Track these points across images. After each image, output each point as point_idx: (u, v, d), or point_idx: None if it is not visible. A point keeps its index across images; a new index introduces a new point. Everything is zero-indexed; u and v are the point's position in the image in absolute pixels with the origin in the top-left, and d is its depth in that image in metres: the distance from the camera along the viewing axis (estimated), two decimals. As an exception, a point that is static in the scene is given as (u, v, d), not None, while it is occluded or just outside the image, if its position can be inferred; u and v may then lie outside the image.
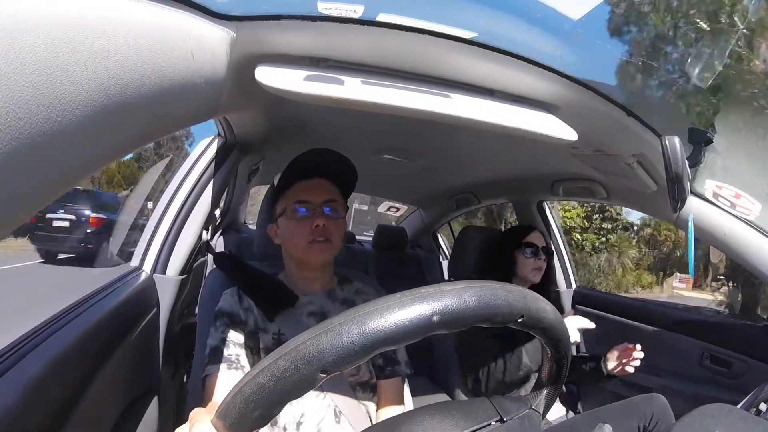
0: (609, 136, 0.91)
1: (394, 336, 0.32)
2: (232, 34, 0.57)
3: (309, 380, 0.31)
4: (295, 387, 0.31)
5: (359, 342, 0.31)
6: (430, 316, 0.33)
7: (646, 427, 0.97)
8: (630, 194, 1.24)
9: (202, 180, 1.18)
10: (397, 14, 0.59)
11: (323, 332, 0.32)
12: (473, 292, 0.35)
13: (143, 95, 0.40)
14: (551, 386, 0.50)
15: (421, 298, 0.33)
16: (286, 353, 0.32)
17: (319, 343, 0.31)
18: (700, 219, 1.01)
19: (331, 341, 0.31)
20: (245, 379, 0.33)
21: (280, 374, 0.31)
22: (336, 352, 0.31)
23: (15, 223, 0.30)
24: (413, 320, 0.32)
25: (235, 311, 0.80)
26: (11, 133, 0.26)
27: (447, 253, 3.02)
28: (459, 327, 0.35)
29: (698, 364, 1.34)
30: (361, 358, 0.32)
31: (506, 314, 0.37)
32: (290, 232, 0.83)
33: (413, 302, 0.33)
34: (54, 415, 0.58)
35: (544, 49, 0.66)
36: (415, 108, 0.62)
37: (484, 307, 0.35)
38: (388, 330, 0.32)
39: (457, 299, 0.34)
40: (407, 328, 0.32)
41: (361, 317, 0.32)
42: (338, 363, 0.31)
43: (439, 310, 0.33)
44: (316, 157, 0.86)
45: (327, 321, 0.33)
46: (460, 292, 0.35)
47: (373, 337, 0.31)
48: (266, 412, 0.32)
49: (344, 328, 0.32)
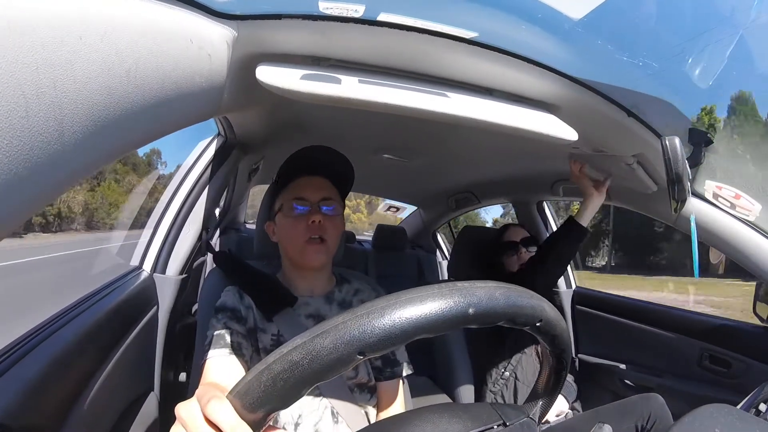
0: (609, 136, 0.91)
1: (433, 323, 0.32)
2: (233, 33, 0.57)
3: (346, 361, 0.31)
4: (329, 367, 0.31)
5: (400, 326, 0.31)
6: (467, 308, 0.33)
7: (644, 426, 0.97)
8: (630, 194, 1.24)
9: (202, 180, 1.18)
10: (398, 14, 0.59)
11: (365, 314, 0.32)
12: (503, 292, 0.36)
13: (144, 95, 0.40)
14: (547, 396, 0.51)
15: (459, 290, 0.34)
16: (324, 332, 0.31)
17: (361, 324, 0.31)
18: (700, 219, 1.02)
19: (373, 323, 0.31)
20: (272, 357, 0.32)
21: (317, 352, 0.31)
22: (377, 334, 0.31)
23: (17, 222, 0.30)
24: (452, 310, 0.33)
25: (237, 307, 0.80)
26: (14, 132, 0.26)
27: (447, 253, 3.02)
28: (488, 323, 0.36)
29: (698, 364, 1.34)
30: (399, 342, 0.32)
31: (528, 316, 0.38)
32: (287, 229, 0.83)
33: (452, 294, 0.33)
34: (54, 414, 0.58)
35: (544, 49, 0.66)
36: (416, 108, 0.62)
37: (512, 306, 0.36)
38: (429, 317, 0.32)
39: (489, 296, 0.35)
40: (447, 317, 0.33)
41: (402, 302, 0.32)
42: (377, 345, 0.31)
43: (474, 303, 0.34)
44: (314, 155, 0.86)
45: (368, 303, 0.33)
46: (492, 289, 0.36)
47: (414, 322, 0.32)
48: (294, 392, 0.32)
49: (386, 312, 0.32)
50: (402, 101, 0.62)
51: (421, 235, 2.85)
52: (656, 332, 1.46)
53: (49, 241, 15.78)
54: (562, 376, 0.49)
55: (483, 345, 1.39)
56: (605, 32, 0.64)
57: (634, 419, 0.98)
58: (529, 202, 1.82)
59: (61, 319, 0.71)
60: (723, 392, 1.24)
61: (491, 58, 0.66)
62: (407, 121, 0.91)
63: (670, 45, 0.67)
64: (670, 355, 1.42)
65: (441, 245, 3.01)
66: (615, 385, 1.51)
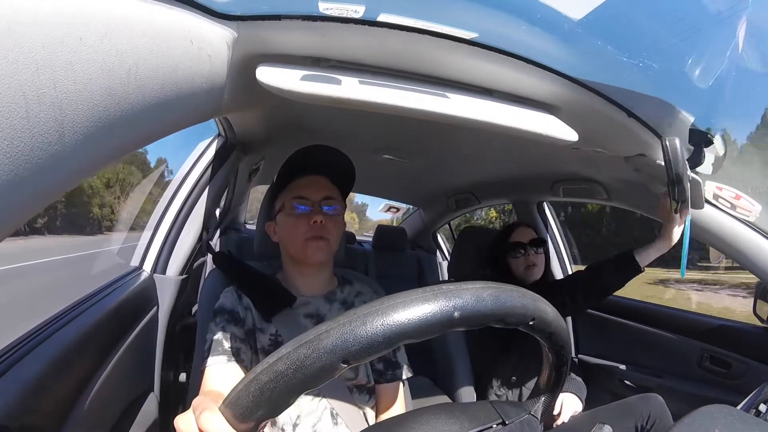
0: (609, 137, 0.91)
1: (417, 329, 0.32)
2: (233, 34, 0.57)
3: (330, 370, 0.31)
4: (315, 376, 0.31)
5: (383, 333, 0.31)
6: (452, 311, 0.33)
7: (643, 426, 0.97)
8: (630, 195, 1.24)
9: (202, 180, 1.18)
10: (398, 14, 0.59)
11: (347, 322, 0.32)
12: (491, 292, 0.36)
13: (145, 95, 0.40)
14: (549, 393, 0.51)
15: (443, 294, 0.33)
16: (307, 341, 0.31)
17: (343, 333, 0.31)
18: (700, 220, 1.02)
19: (356, 331, 0.31)
20: (260, 368, 0.32)
21: (300, 362, 0.31)
22: (360, 343, 0.31)
23: (17, 222, 0.30)
24: (436, 315, 0.32)
25: (235, 309, 0.80)
26: (14, 132, 0.26)
27: (447, 253, 3.02)
28: (476, 325, 0.35)
29: (698, 365, 1.34)
30: (384, 349, 0.32)
31: (520, 315, 0.38)
32: (288, 228, 0.83)
33: (436, 297, 0.33)
34: (54, 414, 0.58)
35: (544, 49, 0.66)
36: (416, 108, 0.62)
37: (501, 306, 0.36)
38: (413, 323, 0.32)
39: (476, 297, 0.34)
40: (431, 321, 0.32)
41: (385, 309, 0.32)
42: (361, 353, 0.31)
43: (460, 306, 0.33)
44: (314, 154, 0.85)
45: (350, 311, 0.33)
46: (479, 291, 0.35)
47: (398, 329, 0.31)
48: (282, 402, 0.32)
49: (368, 319, 0.31)
50: (402, 102, 0.62)
51: (421, 235, 2.85)
52: (656, 333, 1.46)
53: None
54: (562, 372, 0.48)
55: (487, 351, 1.35)
56: (605, 32, 0.63)
57: (633, 419, 0.98)
58: (529, 202, 1.82)
59: (61, 319, 0.71)
60: (723, 393, 1.24)
61: (491, 58, 0.66)
62: (407, 121, 0.91)
63: (670, 45, 0.67)
64: (670, 356, 1.41)
65: (441, 246, 3.01)
66: (615, 386, 1.51)
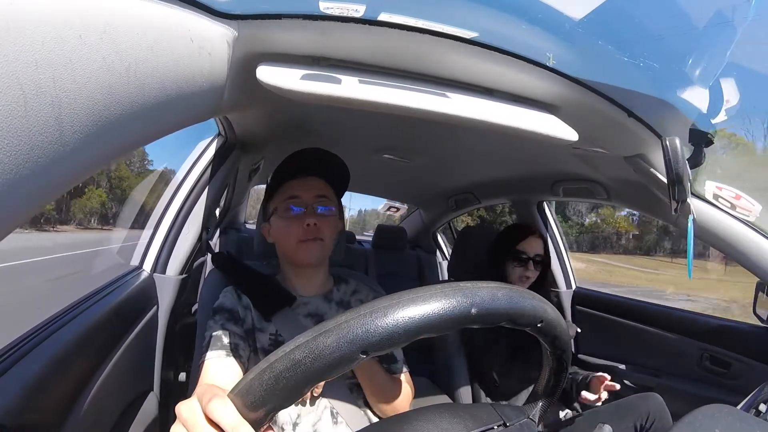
0: (609, 137, 0.91)
1: (436, 323, 0.32)
2: (233, 33, 0.57)
3: (349, 359, 0.31)
4: (333, 365, 0.31)
5: (404, 326, 0.31)
6: (470, 307, 0.34)
7: (643, 425, 0.97)
8: (630, 194, 1.24)
9: (202, 180, 1.18)
10: (399, 14, 0.59)
11: (368, 313, 0.32)
12: (505, 292, 0.36)
13: (144, 94, 0.40)
14: (547, 398, 0.51)
15: (461, 290, 0.34)
16: (327, 330, 0.31)
17: (365, 323, 0.31)
18: (700, 220, 1.01)
19: (377, 322, 0.31)
20: (274, 357, 0.32)
21: (320, 351, 0.31)
22: (380, 333, 0.31)
23: (17, 221, 0.30)
24: (455, 309, 0.33)
25: (235, 308, 0.80)
26: (14, 131, 0.26)
27: (447, 253, 3.02)
28: (490, 323, 0.36)
29: (697, 364, 1.34)
30: (403, 342, 0.32)
31: (530, 317, 0.39)
32: (282, 230, 0.83)
33: (455, 293, 0.34)
34: (54, 414, 0.58)
35: (544, 49, 0.66)
36: (416, 108, 0.62)
37: (514, 306, 0.37)
38: (432, 317, 0.32)
39: (492, 296, 0.35)
40: (449, 317, 0.33)
41: (405, 302, 0.32)
42: (381, 344, 0.31)
43: (477, 303, 0.34)
44: (306, 156, 0.86)
45: (371, 302, 0.33)
46: (494, 290, 0.36)
47: (417, 322, 0.32)
48: (296, 391, 0.32)
49: (390, 311, 0.32)
50: (402, 101, 0.62)
51: (421, 235, 2.85)
52: (656, 332, 1.46)
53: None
54: (561, 378, 0.49)
55: (479, 350, 1.35)
56: (605, 32, 0.63)
57: (633, 419, 0.98)
58: (529, 202, 1.81)
59: (61, 319, 0.71)
60: (723, 393, 1.24)
61: (491, 58, 0.66)
62: (408, 121, 0.91)
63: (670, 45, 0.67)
64: (670, 356, 1.42)
65: (441, 246, 3.01)
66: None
